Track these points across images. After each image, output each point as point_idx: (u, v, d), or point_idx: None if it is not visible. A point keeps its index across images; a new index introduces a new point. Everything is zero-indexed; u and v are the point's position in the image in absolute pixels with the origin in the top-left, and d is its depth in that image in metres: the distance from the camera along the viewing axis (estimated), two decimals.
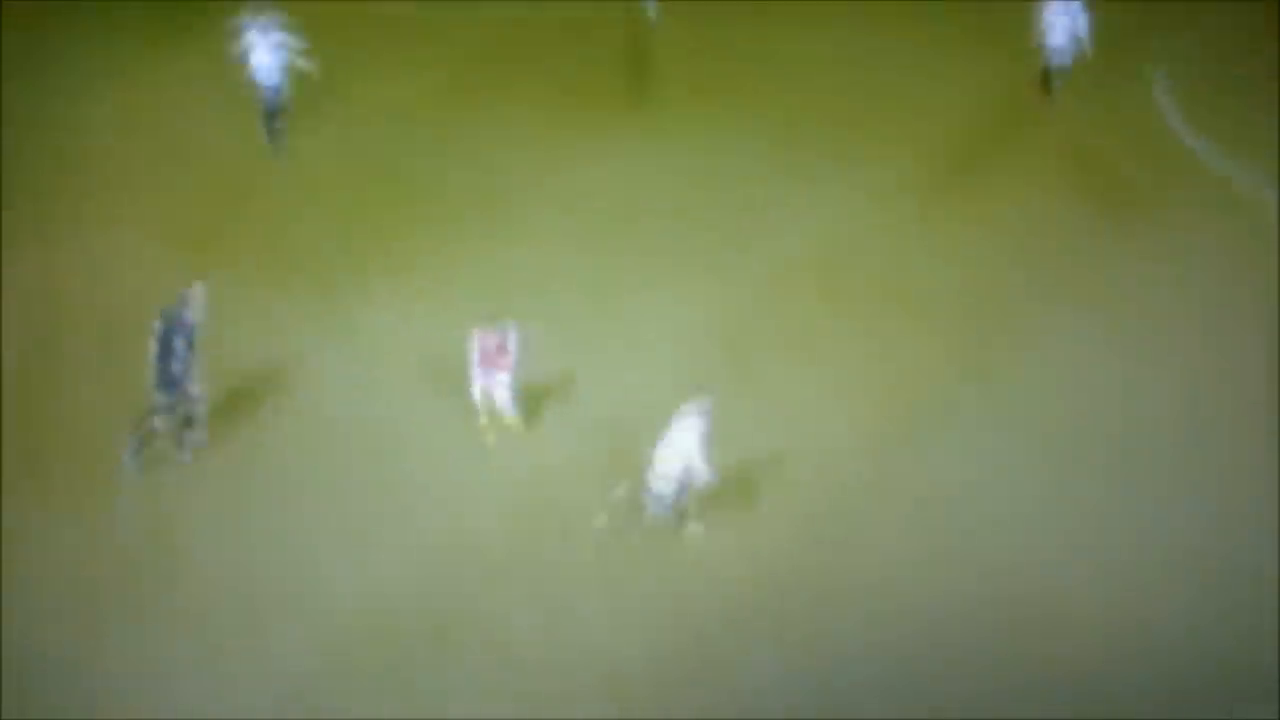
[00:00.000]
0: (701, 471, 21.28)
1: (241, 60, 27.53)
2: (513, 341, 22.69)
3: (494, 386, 22.88)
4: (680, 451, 21.27)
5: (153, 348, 22.06)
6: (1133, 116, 29.99)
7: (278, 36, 27.39)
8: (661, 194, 27.77)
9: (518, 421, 23.11)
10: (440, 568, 21.68)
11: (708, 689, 20.34)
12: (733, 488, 22.32)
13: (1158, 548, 21.92)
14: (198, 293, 22.15)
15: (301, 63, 27.47)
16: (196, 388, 22.30)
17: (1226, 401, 24.17)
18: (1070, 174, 28.39)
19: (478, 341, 22.72)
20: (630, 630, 21.01)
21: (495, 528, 22.15)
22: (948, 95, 30.39)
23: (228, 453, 23.06)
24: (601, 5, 32.45)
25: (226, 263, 25.48)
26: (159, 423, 22.45)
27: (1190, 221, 27.47)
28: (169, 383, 22.14)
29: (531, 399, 23.32)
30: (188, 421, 22.63)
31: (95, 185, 27.55)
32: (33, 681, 20.08)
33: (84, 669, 20.45)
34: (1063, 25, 29.09)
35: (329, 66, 27.97)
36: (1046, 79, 29.86)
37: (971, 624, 21.09)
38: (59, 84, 30.01)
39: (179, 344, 22.00)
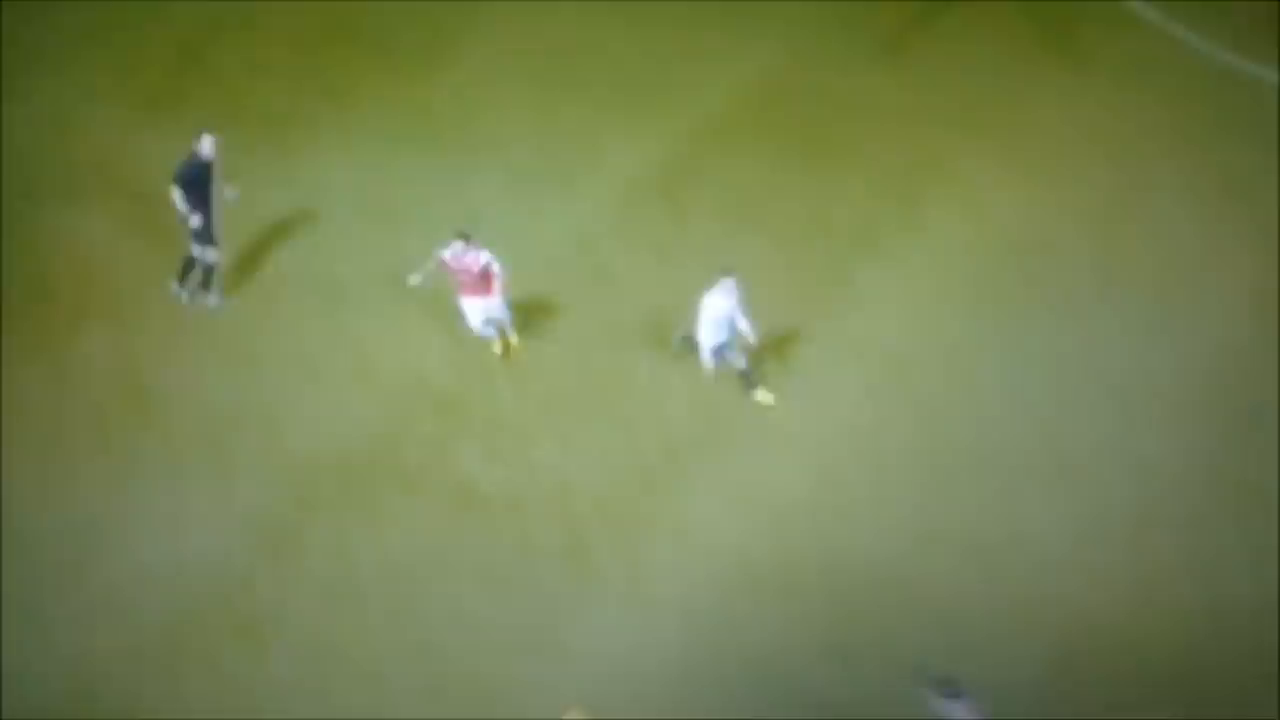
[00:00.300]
0: (704, 348, 22.21)
1: None
2: (489, 261, 22.29)
3: (493, 314, 22.67)
4: (709, 324, 22.10)
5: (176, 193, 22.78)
6: None
7: None
8: (597, 42, 27.92)
9: (519, 343, 23.11)
10: (398, 409, 22.60)
11: (653, 513, 21.52)
12: (665, 320, 23.28)
13: (1082, 375, 23.07)
14: (207, 142, 22.73)
15: None
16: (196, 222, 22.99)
17: (1142, 235, 25.05)
18: (995, 18, 28.42)
19: (451, 262, 22.28)
20: (580, 462, 22.10)
21: (449, 373, 22.98)
22: None
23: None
24: None
25: (179, 118, 25.75)
26: (210, 256, 23.28)
27: (1107, 59, 27.78)
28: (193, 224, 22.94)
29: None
30: (191, 264, 23.48)
31: (50, 41, 27.57)
32: (7, 525, 21.00)
33: (58, 509, 21.37)
34: None
35: None
36: None
37: (904, 452, 22.27)
38: None
39: (195, 189, 22.74)
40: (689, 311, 22.41)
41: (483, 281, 22.33)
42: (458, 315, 22.77)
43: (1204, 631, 20.17)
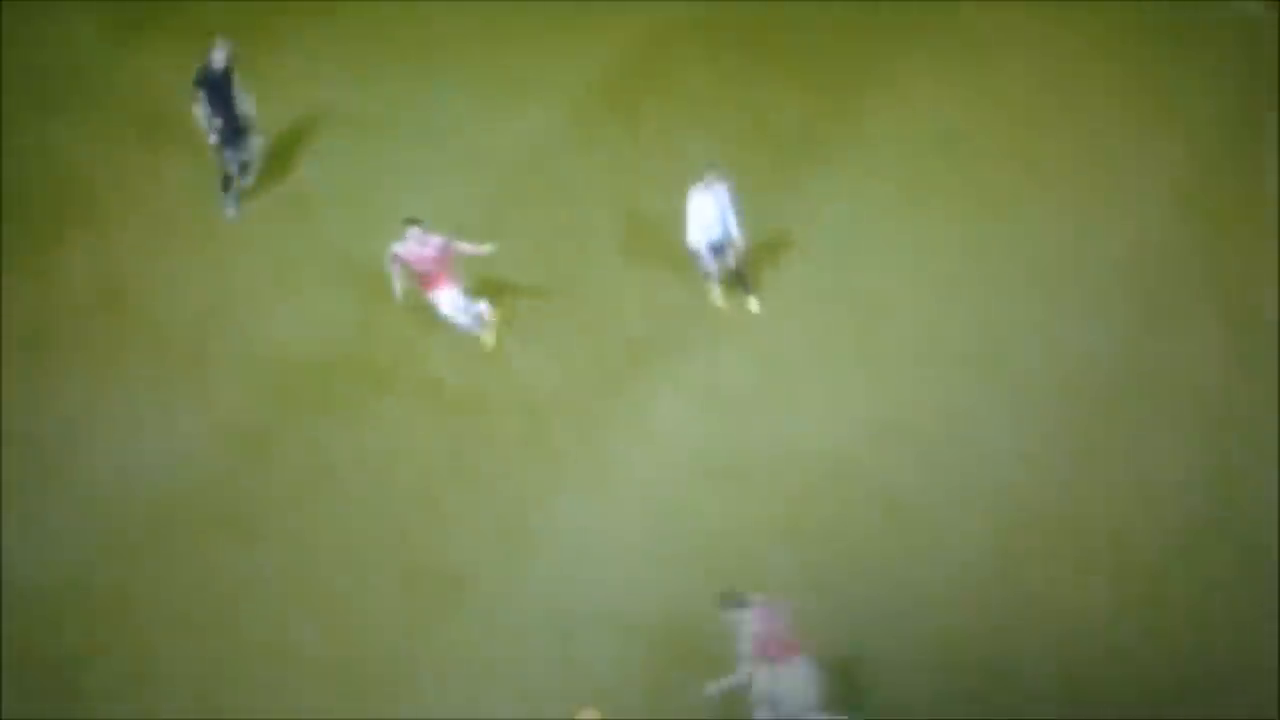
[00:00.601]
0: (696, 246, 22.81)
1: None
2: (443, 243, 22.25)
3: (463, 302, 22.59)
4: (698, 224, 22.69)
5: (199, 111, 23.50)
6: None
7: None
8: None
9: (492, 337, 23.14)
10: (369, 312, 23.34)
11: (612, 406, 22.45)
12: (621, 225, 24.21)
13: (1017, 271, 23.90)
14: (220, 51, 23.35)
15: None
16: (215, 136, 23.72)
17: (1071, 136, 25.73)
18: None
19: (406, 254, 22.15)
20: (541, 360, 22.94)
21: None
22: None
23: (164, 210, 24.54)
24: None
25: (149, 35, 26.57)
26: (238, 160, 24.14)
27: None
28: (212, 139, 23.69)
29: None
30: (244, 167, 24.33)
31: None
32: None
33: (43, 409, 22.24)
34: None
35: None
36: None
37: (849, 347, 23.11)
38: None
39: (216, 97, 23.43)
40: (649, 215, 23.23)
41: (443, 267, 22.31)
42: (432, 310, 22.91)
43: (1131, 505, 21.18)
